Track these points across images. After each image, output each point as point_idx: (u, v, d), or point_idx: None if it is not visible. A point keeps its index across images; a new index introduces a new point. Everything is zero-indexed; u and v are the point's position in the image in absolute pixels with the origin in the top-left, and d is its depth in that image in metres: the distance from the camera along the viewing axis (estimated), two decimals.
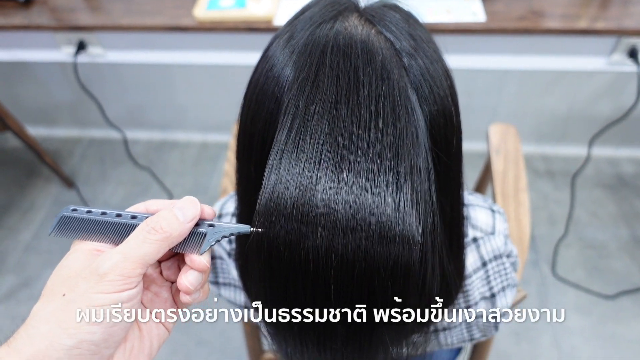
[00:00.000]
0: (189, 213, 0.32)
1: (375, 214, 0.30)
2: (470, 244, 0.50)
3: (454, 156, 0.38)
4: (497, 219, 0.52)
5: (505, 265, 0.51)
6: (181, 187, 1.73)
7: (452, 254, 0.43)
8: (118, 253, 0.30)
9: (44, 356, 0.28)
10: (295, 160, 0.31)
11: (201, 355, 1.32)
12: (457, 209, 0.41)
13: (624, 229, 1.52)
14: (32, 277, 1.52)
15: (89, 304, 0.29)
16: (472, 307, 0.51)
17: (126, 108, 1.79)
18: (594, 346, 1.28)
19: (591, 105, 1.55)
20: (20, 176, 1.82)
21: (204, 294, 0.34)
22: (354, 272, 0.31)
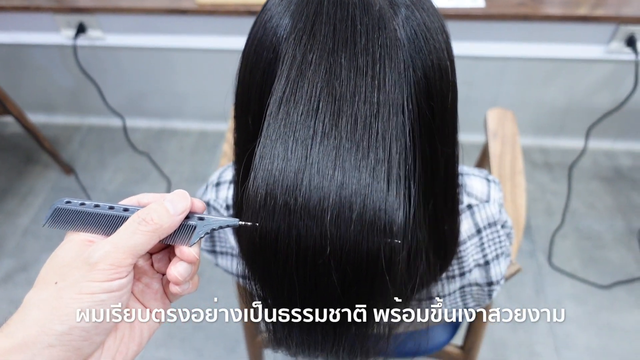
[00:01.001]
0: (179, 206, 0.33)
1: (362, 200, 0.30)
2: (465, 211, 0.50)
3: (450, 112, 0.38)
4: (492, 187, 0.53)
5: (499, 233, 0.51)
6: (179, 175, 1.74)
7: (447, 216, 0.43)
8: (109, 243, 0.31)
9: (36, 341, 0.29)
10: (293, 109, 0.32)
11: (198, 339, 1.33)
12: (453, 167, 0.41)
13: (620, 221, 1.52)
14: (30, 261, 1.52)
15: (80, 291, 0.30)
16: (466, 274, 0.52)
17: (125, 95, 1.80)
18: (589, 334, 1.29)
19: (590, 97, 1.56)
20: (19, 162, 1.82)
21: (193, 285, 0.35)
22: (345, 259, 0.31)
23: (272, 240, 0.31)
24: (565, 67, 1.48)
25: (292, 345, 0.39)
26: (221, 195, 0.58)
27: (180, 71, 1.70)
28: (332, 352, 0.38)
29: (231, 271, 0.61)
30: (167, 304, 0.36)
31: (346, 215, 0.30)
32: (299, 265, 0.31)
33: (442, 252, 0.45)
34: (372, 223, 0.30)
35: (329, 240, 0.30)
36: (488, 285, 0.53)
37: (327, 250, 0.30)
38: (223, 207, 0.57)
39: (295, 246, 0.31)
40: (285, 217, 0.31)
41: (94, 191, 1.70)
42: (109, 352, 0.32)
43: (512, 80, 1.55)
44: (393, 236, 0.30)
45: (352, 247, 0.30)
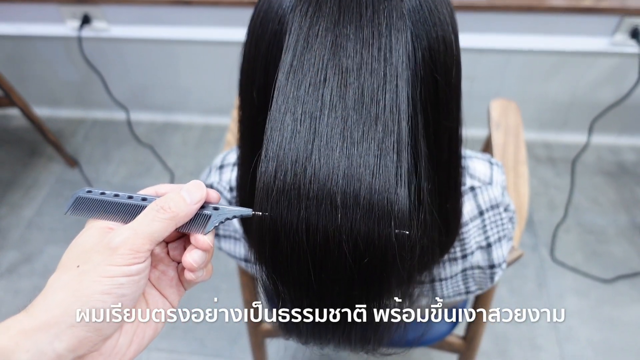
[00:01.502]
0: (195, 196, 0.35)
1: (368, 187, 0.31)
2: (468, 193, 0.51)
3: (454, 87, 0.38)
4: (494, 170, 0.53)
5: (502, 216, 0.51)
6: (183, 168, 1.74)
7: (450, 193, 0.43)
8: (129, 229, 0.33)
9: (58, 322, 0.30)
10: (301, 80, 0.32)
11: (201, 330, 1.33)
12: (456, 143, 0.41)
13: (624, 215, 1.52)
14: (34, 252, 1.53)
15: (101, 274, 0.31)
16: (468, 257, 0.52)
17: (129, 89, 1.80)
18: (591, 328, 1.29)
19: (593, 92, 1.55)
20: (23, 155, 1.83)
21: (207, 273, 0.36)
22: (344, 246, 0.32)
23: (283, 218, 0.32)
24: (569, 61, 1.48)
25: (303, 332, 0.39)
26: (224, 178, 0.58)
27: (184, 65, 1.70)
28: (343, 338, 0.38)
29: (234, 255, 0.61)
30: (181, 291, 0.38)
31: (354, 195, 0.31)
32: (309, 244, 0.32)
33: (445, 231, 0.45)
34: (380, 207, 0.31)
35: (338, 221, 0.31)
36: (490, 268, 0.53)
37: (338, 232, 0.31)
38: (227, 190, 0.57)
39: (305, 226, 0.32)
40: (295, 192, 0.31)
41: (97, 183, 1.70)
42: (127, 335, 0.34)
43: (515, 75, 1.55)
44: (400, 219, 0.31)
45: (361, 230, 0.31)
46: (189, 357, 1.29)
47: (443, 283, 0.54)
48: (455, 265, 0.52)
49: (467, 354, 0.96)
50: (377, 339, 0.40)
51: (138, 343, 0.34)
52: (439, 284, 0.54)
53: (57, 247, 1.53)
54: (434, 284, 0.54)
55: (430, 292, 0.55)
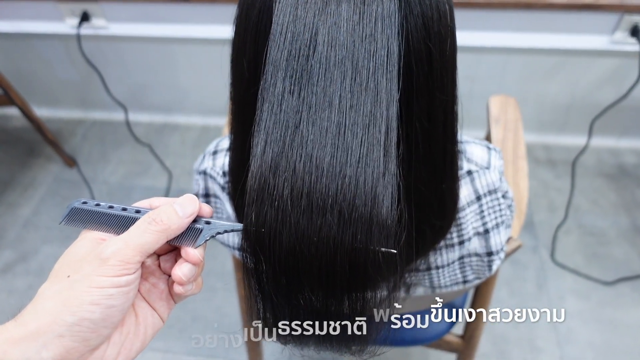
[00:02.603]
0: (188, 209, 0.35)
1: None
2: (465, 177, 0.50)
3: (448, 60, 0.38)
4: (492, 155, 0.52)
5: (499, 201, 0.50)
6: (181, 168, 1.74)
7: (446, 173, 0.42)
8: (120, 240, 0.33)
9: (47, 330, 0.30)
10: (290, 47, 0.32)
11: (196, 330, 1.32)
12: (451, 119, 0.41)
13: (625, 217, 1.51)
14: (30, 252, 1.52)
15: (91, 285, 0.31)
16: (465, 243, 0.51)
17: (128, 89, 1.80)
18: (592, 330, 1.27)
19: (593, 93, 1.55)
20: (21, 155, 1.83)
21: (197, 286, 0.37)
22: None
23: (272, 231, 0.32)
24: (568, 61, 1.47)
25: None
26: (218, 163, 0.57)
27: (183, 65, 1.70)
28: (323, 336, 0.37)
29: (227, 243, 0.60)
30: (171, 304, 0.38)
31: (339, 204, 0.31)
32: (297, 253, 0.32)
33: (441, 213, 0.44)
34: (364, 221, 0.31)
35: (323, 232, 0.31)
36: (488, 256, 0.52)
37: (329, 242, 0.31)
38: (220, 175, 0.56)
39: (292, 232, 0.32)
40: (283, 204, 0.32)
41: (95, 183, 1.70)
42: (115, 347, 0.34)
43: (515, 76, 1.54)
44: (385, 231, 0.31)
45: (345, 241, 0.31)
46: (185, 357, 1.27)
47: (440, 271, 0.53)
48: (452, 252, 0.51)
49: (465, 353, 0.94)
50: (361, 337, 0.38)
51: (125, 355, 0.34)
52: (435, 272, 0.53)
53: (53, 247, 1.52)
54: (430, 272, 0.53)
55: (426, 281, 0.54)
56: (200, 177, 0.59)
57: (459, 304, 0.93)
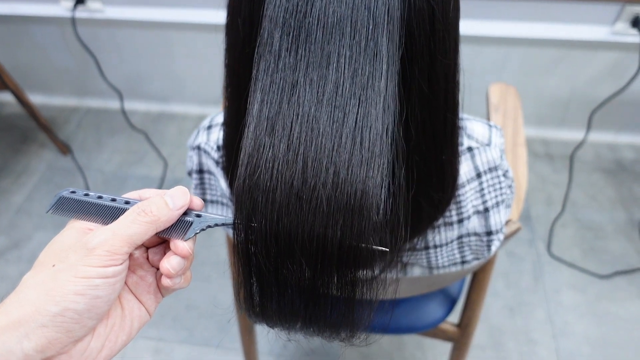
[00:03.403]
0: (178, 201, 0.34)
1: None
2: (465, 153, 0.49)
3: (452, 21, 0.36)
4: (493, 132, 0.51)
5: (500, 179, 0.49)
6: (177, 157, 1.72)
7: (446, 144, 0.41)
8: (108, 230, 0.32)
9: (30, 320, 0.29)
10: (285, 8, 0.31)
11: (190, 318, 1.31)
12: (453, 87, 0.39)
13: (622, 212, 1.51)
14: (22, 238, 1.50)
15: (76, 274, 0.30)
16: (464, 221, 0.50)
17: (124, 77, 1.78)
18: (588, 323, 1.27)
19: (592, 87, 1.54)
20: (15, 142, 1.81)
21: (185, 280, 0.36)
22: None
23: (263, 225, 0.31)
24: (568, 55, 1.46)
25: (268, 312, 0.36)
26: (212, 138, 0.56)
27: (180, 53, 1.68)
28: (310, 317, 0.36)
29: None
30: (159, 298, 0.37)
31: (336, 196, 0.31)
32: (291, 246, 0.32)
33: (440, 186, 0.43)
34: (358, 213, 0.30)
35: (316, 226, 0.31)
36: (487, 235, 0.51)
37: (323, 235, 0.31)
38: (214, 150, 0.55)
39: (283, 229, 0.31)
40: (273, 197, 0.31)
41: (89, 171, 1.68)
42: (99, 339, 0.33)
43: (514, 69, 1.54)
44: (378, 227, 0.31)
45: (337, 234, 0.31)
46: (178, 346, 1.26)
47: (438, 250, 0.52)
48: (451, 231, 0.50)
49: (461, 342, 0.94)
50: (351, 321, 0.36)
51: (110, 348, 0.34)
52: (433, 251, 0.52)
53: (46, 234, 1.50)
54: (428, 251, 0.52)
55: (424, 261, 0.53)
56: (194, 152, 0.57)
57: (456, 292, 0.92)
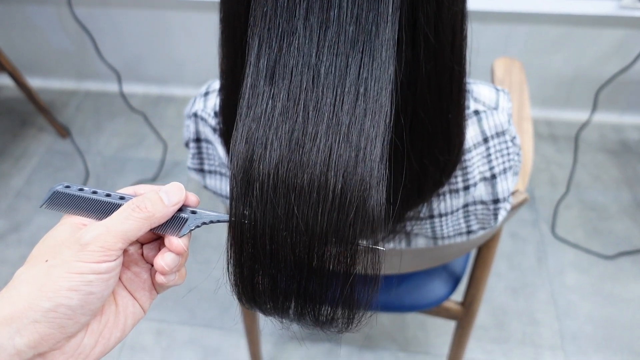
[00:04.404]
0: (173, 198, 0.34)
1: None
2: (472, 117, 0.47)
3: None
4: (501, 96, 0.49)
5: (508, 144, 0.48)
6: (176, 139, 1.70)
7: (452, 105, 0.39)
8: (102, 226, 0.32)
9: (22, 316, 0.29)
10: None
11: (192, 300, 1.30)
12: (460, 39, 0.38)
13: (626, 193, 1.49)
14: (22, 222, 1.50)
15: (69, 270, 0.30)
16: (470, 189, 0.48)
17: (122, 59, 1.76)
18: (592, 303, 1.26)
19: (597, 66, 1.52)
20: (13, 125, 1.79)
21: (180, 277, 0.36)
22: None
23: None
24: (574, 32, 1.44)
25: (262, 292, 0.35)
26: (209, 105, 0.54)
27: (179, 34, 1.66)
28: (304, 298, 0.34)
29: (220, 192, 0.57)
30: (154, 294, 0.37)
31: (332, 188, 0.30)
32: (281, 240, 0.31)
33: (446, 147, 0.41)
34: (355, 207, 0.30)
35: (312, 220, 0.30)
36: (494, 203, 0.50)
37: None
38: (211, 116, 0.53)
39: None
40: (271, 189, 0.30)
41: (89, 154, 1.67)
42: (93, 335, 0.33)
43: (519, 48, 1.51)
44: (376, 217, 0.30)
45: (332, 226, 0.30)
46: (180, 327, 1.26)
47: (443, 219, 0.50)
48: (457, 198, 0.49)
49: (465, 320, 0.93)
50: (349, 299, 0.34)
51: (104, 345, 0.33)
52: (438, 220, 0.50)
53: (45, 217, 1.50)
54: (433, 220, 0.50)
55: (428, 230, 0.52)
56: (190, 120, 0.56)
57: (460, 270, 0.91)
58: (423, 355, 1.19)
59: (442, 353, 1.18)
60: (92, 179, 1.59)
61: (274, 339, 1.23)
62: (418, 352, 1.19)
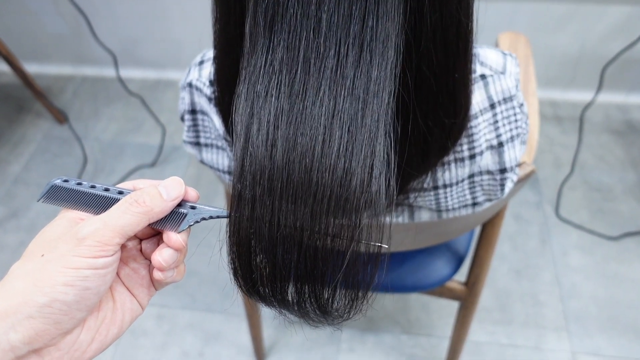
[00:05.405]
0: (172, 192, 0.33)
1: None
2: (478, 81, 0.45)
3: None
4: (508, 60, 0.47)
5: (515, 111, 0.46)
6: (175, 124, 1.68)
7: (458, 64, 0.37)
8: (99, 220, 0.31)
9: (16, 311, 0.28)
10: None
11: (192, 284, 1.29)
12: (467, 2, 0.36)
13: (632, 174, 1.47)
14: (20, 208, 1.48)
15: (65, 265, 0.30)
16: (476, 157, 0.46)
17: (119, 42, 1.73)
18: (596, 284, 1.25)
19: (604, 45, 1.48)
20: (10, 112, 1.77)
21: (178, 274, 0.35)
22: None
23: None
24: (579, 10, 1.41)
25: (260, 278, 0.34)
26: (204, 74, 0.52)
27: (176, 16, 1.63)
28: (303, 278, 0.32)
29: (217, 166, 0.55)
30: (152, 291, 0.36)
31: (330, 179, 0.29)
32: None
33: (452, 109, 0.39)
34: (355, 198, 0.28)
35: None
36: (501, 173, 0.48)
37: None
38: (206, 86, 0.51)
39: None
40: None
41: (87, 140, 1.65)
42: (89, 332, 0.32)
43: (523, 27, 1.48)
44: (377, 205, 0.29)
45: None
46: (180, 312, 1.25)
47: (447, 191, 0.49)
48: (462, 168, 0.47)
49: (468, 301, 0.91)
50: (351, 277, 0.32)
51: (100, 341, 0.32)
52: (442, 191, 0.49)
53: (44, 205, 1.47)
54: (437, 191, 0.49)
55: (432, 202, 0.50)
56: (185, 92, 0.54)
57: (463, 250, 0.89)
58: (426, 337, 1.18)
59: (445, 335, 1.18)
60: (91, 165, 1.58)
61: (275, 323, 1.22)
62: (421, 334, 1.19)
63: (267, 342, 1.18)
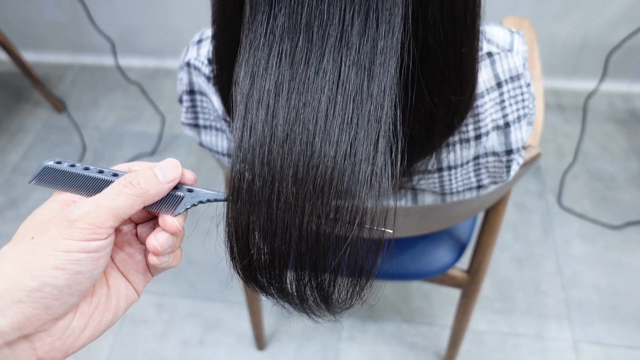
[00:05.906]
0: (169, 174, 0.32)
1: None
2: (485, 58, 0.44)
3: None
4: (516, 38, 0.46)
5: (522, 90, 0.44)
6: (175, 113, 1.67)
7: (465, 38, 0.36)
8: (91, 202, 0.30)
9: (5, 295, 0.28)
10: None
11: (192, 273, 1.28)
12: None
13: (635, 163, 1.46)
14: (19, 197, 1.48)
15: (56, 248, 0.29)
16: (482, 138, 0.45)
17: (117, 29, 1.71)
18: (598, 273, 1.24)
19: (607, 33, 1.47)
20: (8, 100, 1.76)
21: (175, 259, 0.34)
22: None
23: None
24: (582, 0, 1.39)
25: (258, 274, 0.33)
26: (202, 53, 0.51)
27: (174, 3, 1.61)
28: (303, 263, 0.31)
29: (216, 149, 0.54)
30: (148, 277, 0.35)
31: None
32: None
33: (458, 85, 0.38)
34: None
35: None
36: (507, 154, 0.47)
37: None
38: (205, 65, 0.50)
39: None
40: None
41: (86, 128, 1.64)
42: (82, 318, 0.31)
43: (525, 15, 1.46)
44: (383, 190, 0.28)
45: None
46: (180, 300, 1.24)
47: (452, 173, 0.48)
48: (467, 149, 0.46)
49: (470, 289, 0.91)
50: (352, 262, 0.31)
51: (94, 327, 0.31)
52: (447, 173, 0.48)
53: (43, 193, 1.47)
54: (441, 173, 0.48)
55: (436, 185, 0.49)
56: (183, 71, 0.53)
57: (466, 237, 0.88)
58: (427, 326, 1.18)
59: (446, 324, 1.17)
60: (90, 154, 1.57)
61: (275, 311, 1.21)
62: (422, 323, 1.18)
63: (267, 331, 1.17)
